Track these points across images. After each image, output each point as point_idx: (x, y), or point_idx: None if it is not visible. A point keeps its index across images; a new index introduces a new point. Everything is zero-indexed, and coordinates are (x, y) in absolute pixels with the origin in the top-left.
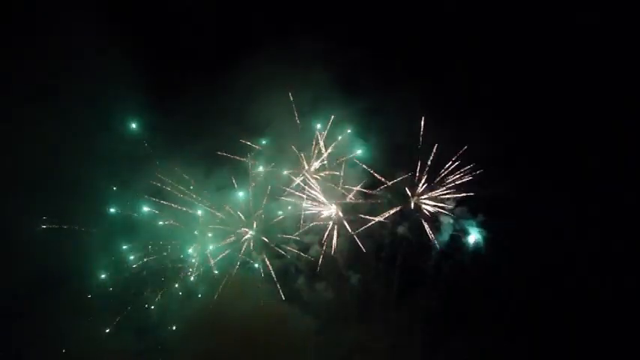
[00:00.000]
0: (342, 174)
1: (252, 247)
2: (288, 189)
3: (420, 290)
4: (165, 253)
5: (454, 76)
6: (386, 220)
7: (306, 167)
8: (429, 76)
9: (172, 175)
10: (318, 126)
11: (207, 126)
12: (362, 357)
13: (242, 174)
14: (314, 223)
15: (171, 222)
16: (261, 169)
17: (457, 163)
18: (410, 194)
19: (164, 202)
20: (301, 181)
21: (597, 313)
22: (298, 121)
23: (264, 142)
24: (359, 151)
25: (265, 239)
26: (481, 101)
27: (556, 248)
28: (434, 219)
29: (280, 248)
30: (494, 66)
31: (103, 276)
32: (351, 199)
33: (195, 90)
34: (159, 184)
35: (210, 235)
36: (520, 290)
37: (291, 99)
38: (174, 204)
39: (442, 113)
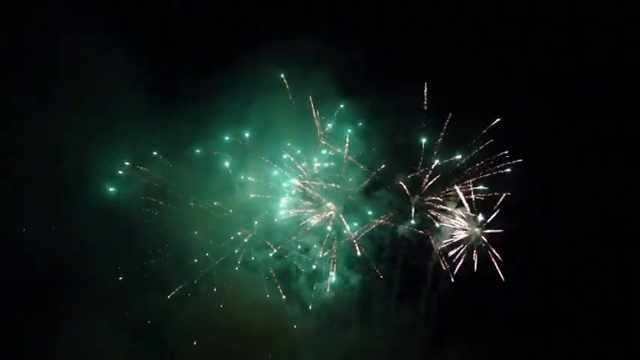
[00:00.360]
0: (343, 175)
1: (252, 248)
2: (288, 189)
3: (420, 291)
4: (166, 255)
5: (456, 76)
6: (386, 222)
7: (307, 167)
8: (431, 75)
9: (173, 175)
10: (319, 125)
11: (207, 126)
12: (362, 357)
13: (243, 174)
14: (314, 224)
15: (173, 223)
16: (261, 169)
17: (458, 164)
18: (411, 195)
19: (164, 203)
20: (302, 181)
21: (599, 315)
22: (299, 121)
23: (264, 142)
24: (360, 151)
25: (266, 240)
26: (483, 101)
27: (557, 250)
28: (435, 220)
29: (281, 249)
30: (495, 65)
31: (104, 276)
32: (350, 199)
33: (194, 90)
34: (159, 185)
35: (210, 235)
36: (521, 290)
37: (291, 99)
38: (176, 205)
39: (445, 114)
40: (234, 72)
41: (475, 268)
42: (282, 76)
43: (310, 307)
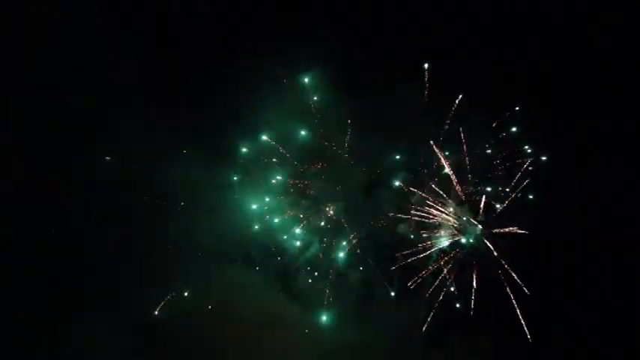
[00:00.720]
0: (343, 174)
1: (252, 246)
2: (289, 187)
3: (420, 290)
4: (166, 254)
5: (456, 76)
6: (385, 223)
7: (308, 167)
8: (431, 75)
9: (174, 174)
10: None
11: (206, 126)
12: (362, 356)
13: (242, 172)
14: (314, 223)
15: (173, 221)
16: (261, 168)
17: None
18: (411, 194)
19: (165, 202)
20: (303, 180)
21: (599, 315)
22: (299, 121)
23: (264, 141)
24: (361, 150)
25: (266, 239)
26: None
27: (557, 250)
28: (435, 219)
29: (281, 247)
30: (496, 66)
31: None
32: (350, 198)
33: (194, 90)
34: (160, 184)
35: (211, 234)
36: (520, 290)
37: (291, 98)
38: (176, 203)
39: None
40: (234, 72)
41: (475, 268)
42: (282, 75)
43: (310, 306)
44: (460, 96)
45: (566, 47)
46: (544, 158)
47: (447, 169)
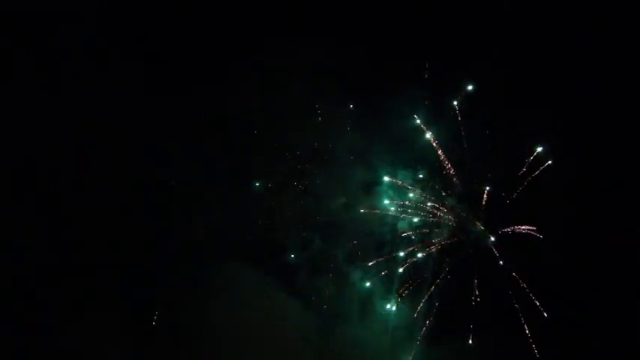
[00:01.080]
0: (344, 171)
1: (254, 244)
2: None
3: (421, 289)
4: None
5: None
6: (385, 222)
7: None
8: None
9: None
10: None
11: (210, 125)
12: (362, 356)
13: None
14: (316, 220)
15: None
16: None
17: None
18: (412, 191)
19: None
20: (303, 177)
21: (599, 315)
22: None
23: (264, 138)
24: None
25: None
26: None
27: (558, 249)
28: (436, 217)
29: (283, 244)
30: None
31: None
32: (351, 195)
33: (196, 91)
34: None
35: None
36: (521, 289)
37: (292, 97)
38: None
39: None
40: (234, 72)
41: (475, 267)
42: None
43: (310, 304)
44: (462, 93)
45: (566, 47)
46: (550, 162)
47: (448, 167)
